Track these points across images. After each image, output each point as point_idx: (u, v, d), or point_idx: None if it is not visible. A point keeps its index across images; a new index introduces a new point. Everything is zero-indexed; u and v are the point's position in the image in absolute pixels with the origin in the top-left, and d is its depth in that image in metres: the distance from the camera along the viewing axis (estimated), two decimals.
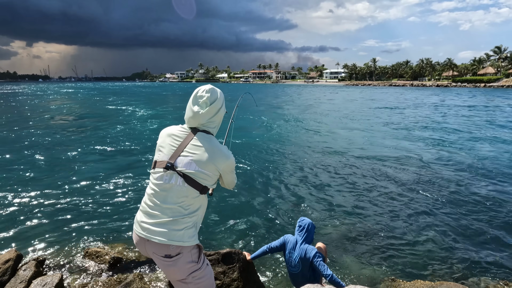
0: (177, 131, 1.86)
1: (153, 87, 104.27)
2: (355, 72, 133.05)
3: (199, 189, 1.77)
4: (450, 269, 4.22)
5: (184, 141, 1.81)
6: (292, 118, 20.92)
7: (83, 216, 5.66)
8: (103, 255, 4.25)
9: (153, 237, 1.72)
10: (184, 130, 1.86)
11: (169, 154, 1.79)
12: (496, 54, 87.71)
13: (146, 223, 1.76)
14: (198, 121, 1.84)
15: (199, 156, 1.76)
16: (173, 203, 1.74)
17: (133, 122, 18.81)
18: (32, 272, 3.52)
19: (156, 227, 1.73)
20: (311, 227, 3.02)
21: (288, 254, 3.04)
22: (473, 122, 18.70)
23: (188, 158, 1.76)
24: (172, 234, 1.71)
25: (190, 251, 1.78)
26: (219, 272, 3.25)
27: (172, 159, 1.77)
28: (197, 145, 1.79)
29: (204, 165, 1.76)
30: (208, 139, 1.82)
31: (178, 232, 1.72)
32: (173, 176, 1.75)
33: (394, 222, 5.58)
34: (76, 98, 44.15)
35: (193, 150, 1.78)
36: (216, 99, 1.87)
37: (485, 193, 6.95)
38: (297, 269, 2.94)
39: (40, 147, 11.32)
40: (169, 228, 1.72)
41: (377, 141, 13.08)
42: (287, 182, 7.69)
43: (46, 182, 7.50)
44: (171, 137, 1.84)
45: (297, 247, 2.95)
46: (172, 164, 1.76)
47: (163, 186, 1.76)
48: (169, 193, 1.75)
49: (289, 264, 3.03)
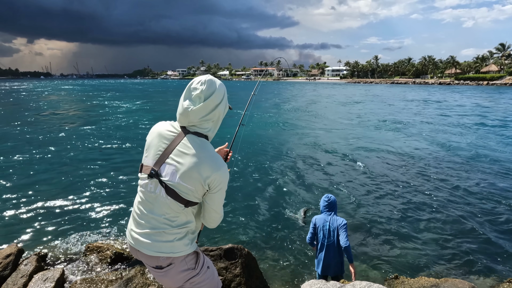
0: (166, 131, 1.57)
1: (156, 84, 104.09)
2: (357, 69, 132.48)
3: (183, 203, 1.53)
4: (454, 266, 4.19)
5: (170, 145, 1.53)
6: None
7: (84, 211, 5.65)
8: (105, 250, 4.23)
9: (142, 248, 1.58)
10: (173, 130, 1.57)
11: (154, 158, 1.55)
12: (500, 51, 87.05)
13: (135, 232, 1.61)
14: (188, 120, 1.52)
15: (182, 165, 1.48)
16: (159, 214, 1.55)
17: (137, 118, 18.78)
18: (33, 266, 3.50)
19: (143, 237, 1.57)
20: (335, 201, 3.42)
21: (322, 228, 3.26)
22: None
23: (171, 167, 1.50)
24: (160, 245, 1.55)
25: (184, 259, 1.62)
26: (222, 268, 3.22)
27: (156, 166, 1.53)
28: (182, 152, 1.50)
29: (187, 176, 1.48)
30: (198, 144, 1.52)
31: (167, 244, 1.56)
32: (158, 186, 1.53)
33: (398, 219, 5.53)
34: (77, 96, 44.12)
35: (177, 158, 1.50)
36: (213, 93, 1.52)
37: (491, 190, 6.88)
38: (332, 238, 3.19)
39: (38, 142, 11.31)
40: (156, 240, 1.55)
41: (378, 137, 13.02)
42: (288, 177, 7.65)
43: (46, 177, 7.50)
44: (159, 138, 1.57)
45: (330, 218, 3.29)
46: (156, 171, 1.52)
47: (148, 195, 1.57)
48: (154, 204, 1.55)
49: (325, 237, 3.22)
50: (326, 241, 3.21)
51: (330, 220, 3.29)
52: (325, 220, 3.32)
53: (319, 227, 3.32)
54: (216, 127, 1.64)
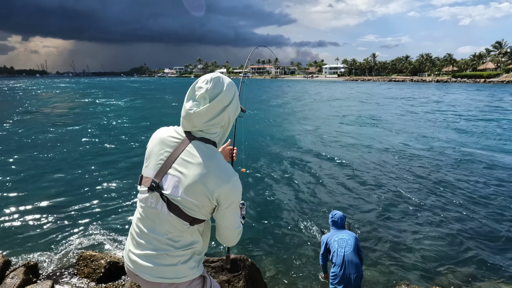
0: (168, 137, 1.38)
1: (152, 82, 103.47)
2: (354, 67, 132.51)
3: (188, 220, 1.33)
4: (470, 276, 3.96)
5: (174, 153, 1.34)
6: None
7: (77, 217, 5.39)
8: (98, 259, 3.98)
9: (141, 272, 1.38)
10: (177, 136, 1.38)
11: (155, 169, 1.36)
12: (496, 49, 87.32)
13: (134, 253, 1.41)
14: (192, 124, 1.33)
15: (186, 176, 1.29)
16: (161, 234, 1.35)
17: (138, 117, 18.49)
18: (20, 280, 3.26)
19: (143, 260, 1.38)
20: (344, 217, 3.37)
21: (336, 242, 3.13)
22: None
23: (174, 178, 1.31)
24: (162, 270, 1.36)
25: (189, 285, 1.42)
26: (224, 281, 3.00)
27: (157, 177, 1.34)
28: (186, 160, 1.31)
29: (191, 190, 1.28)
30: (204, 152, 1.32)
31: (170, 268, 1.36)
32: (159, 200, 1.34)
33: (409, 224, 5.32)
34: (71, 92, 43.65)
35: (181, 167, 1.30)
36: (220, 93, 1.31)
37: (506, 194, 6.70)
38: (350, 247, 3.07)
39: (30, 146, 11.01)
40: (158, 263, 1.36)
41: (382, 136, 12.85)
42: (292, 184, 7.42)
43: (35, 181, 7.20)
44: (161, 145, 1.38)
45: (340, 232, 3.22)
46: (158, 184, 1.33)
47: (148, 212, 1.38)
48: (155, 222, 1.36)
49: (341, 247, 3.08)
50: (343, 251, 3.03)
51: (342, 232, 3.20)
52: (336, 233, 3.21)
53: (330, 242, 3.15)
54: (226, 132, 1.44)
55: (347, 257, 3.01)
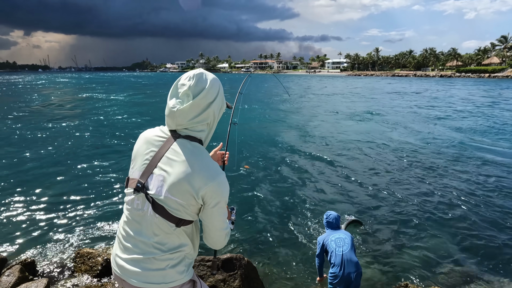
0: (153, 137, 1.36)
1: (154, 77, 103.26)
2: (357, 62, 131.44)
3: (174, 221, 1.29)
4: (470, 277, 3.90)
5: (159, 152, 1.31)
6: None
7: (74, 214, 5.38)
8: (95, 256, 3.97)
9: (128, 278, 1.34)
10: (162, 135, 1.35)
11: (141, 169, 1.33)
12: (502, 43, 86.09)
13: (121, 258, 1.38)
14: (176, 122, 1.30)
15: (171, 174, 1.26)
16: (148, 236, 1.32)
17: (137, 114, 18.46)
18: (16, 277, 3.25)
19: (130, 265, 1.33)
20: (338, 217, 3.40)
21: (334, 241, 3.12)
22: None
23: (159, 177, 1.28)
24: (150, 275, 1.32)
25: None
26: (219, 280, 2.97)
27: (143, 178, 1.31)
28: (172, 159, 1.27)
29: (176, 188, 1.25)
30: (189, 149, 1.29)
31: (158, 272, 1.32)
32: (146, 202, 1.30)
33: (407, 223, 5.28)
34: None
35: (166, 166, 1.28)
36: (204, 89, 1.29)
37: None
38: (348, 245, 3.06)
39: (28, 141, 11.02)
40: (145, 268, 1.32)
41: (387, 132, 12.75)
42: (289, 182, 7.38)
43: (32, 177, 7.20)
44: (146, 145, 1.36)
45: (336, 232, 3.22)
46: (143, 184, 1.30)
47: (135, 214, 1.34)
48: (142, 224, 1.32)
49: (340, 247, 3.07)
50: (341, 250, 3.00)
51: (339, 232, 3.20)
52: (332, 233, 3.19)
53: (327, 242, 3.13)
54: (211, 130, 1.42)
55: (345, 256, 2.98)
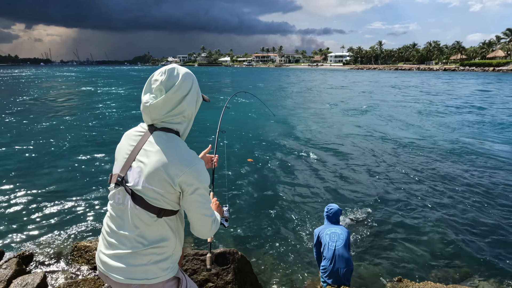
0: (133, 132, 1.42)
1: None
2: (360, 55, 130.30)
3: (154, 212, 1.32)
4: (464, 272, 3.92)
5: (136, 146, 1.36)
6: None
7: (71, 207, 5.43)
8: (93, 250, 4.01)
9: (110, 274, 1.35)
10: (140, 130, 1.40)
11: (121, 164, 1.38)
12: (507, 36, 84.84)
13: (104, 254, 1.39)
14: (151, 117, 1.34)
15: (147, 164, 1.29)
16: (130, 230, 1.33)
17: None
18: (12, 270, 3.29)
19: (113, 260, 1.35)
20: (339, 211, 3.32)
21: (328, 235, 3.12)
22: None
23: (137, 169, 1.32)
24: (132, 270, 1.33)
25: (162, 286, 1.39)
26: (212, 274, 3.00)
27: (123, 171, 1.35)
28: (148, 150, 1.32)
29: (152, 177, 1.28)
30: (164, 139, 1.33)
31: (141, 268, 1.33)
32: (126, 195, 1.33)
33: (401, 218, 5.28)
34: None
35: (142, 158, 1.32)
36: (176, 83, 1.31)
37: (502, 188, 6.60)
38: (342, 241, 3.06)
39: (27, 135, 11.07)
40: (128, 264, 1.33)
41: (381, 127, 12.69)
42: (285, 175, 7.38)
43: (29, 170, 7.24)
44: (126, 141, 1.42)
45: (333, 226, 3.20)
46: (123, 178, 1.34)
47: (117, 209, 1.37)
48: (124, 219, 1.35)
49: (333, 241, 3.07)
50: (334, 245, 3.03)
51: (335, 227, 3.20)
52: (329, 227, 3.20)
53: (322, 235, 3.15)
54: (189, 123, 1.45)
55: (337, 251, 3.01)
